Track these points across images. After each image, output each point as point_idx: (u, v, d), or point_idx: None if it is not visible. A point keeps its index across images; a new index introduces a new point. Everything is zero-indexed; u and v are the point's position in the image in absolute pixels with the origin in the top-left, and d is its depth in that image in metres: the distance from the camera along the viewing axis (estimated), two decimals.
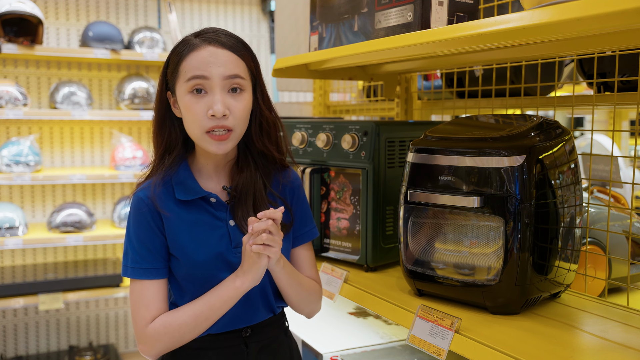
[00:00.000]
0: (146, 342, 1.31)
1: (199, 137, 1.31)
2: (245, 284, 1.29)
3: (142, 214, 1.34)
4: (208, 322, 1.31)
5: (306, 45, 2.44)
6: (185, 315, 1.31)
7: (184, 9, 4.39)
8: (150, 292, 1.32)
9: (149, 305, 1.32)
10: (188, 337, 1.32)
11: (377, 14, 1.58)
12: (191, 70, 1.28)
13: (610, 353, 1.13)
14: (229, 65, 1.29)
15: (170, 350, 1.33)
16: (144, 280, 1.32)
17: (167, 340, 1.30)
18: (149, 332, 1.30)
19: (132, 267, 1.33)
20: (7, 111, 3.51)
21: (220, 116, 1.27)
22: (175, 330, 1.30)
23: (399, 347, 1.90)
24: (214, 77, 1.28)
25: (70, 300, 3.68)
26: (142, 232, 1.33)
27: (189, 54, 1.30)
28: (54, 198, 4.07)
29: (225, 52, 1.30)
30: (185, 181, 1.36)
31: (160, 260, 1.34)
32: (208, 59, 1.28)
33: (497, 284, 1.27)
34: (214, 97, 1.28)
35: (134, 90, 3.90)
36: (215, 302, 1.30)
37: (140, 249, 1.33)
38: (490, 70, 1.94)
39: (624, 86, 1.64)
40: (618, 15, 0.96)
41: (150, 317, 1.31)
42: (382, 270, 1.73)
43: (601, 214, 1.73)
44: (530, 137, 1.29)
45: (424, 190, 1.38)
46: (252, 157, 1.41)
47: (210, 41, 1.30)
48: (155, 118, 1.39)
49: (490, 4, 1.74)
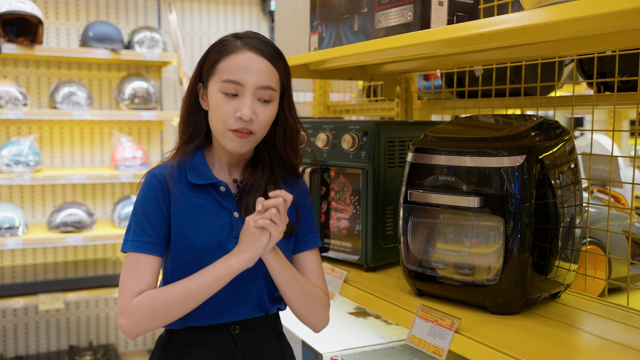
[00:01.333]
0: (129, 315, 1.28)
1: (221, 132, 1.35)
2: (240, 262, 1.28)
3: (152, 188, 1.36)
4: (196, 300, 1.29)
5: (306, 45, 2.44)
6: (174, 291, 1.28)
7: (184, 9, 4.39)
8: (144, 266, 1.32)
9: (140, 278, 1.30)
10: (173, 314, 1.29)
11: (377, 14, 1.58)
12: (228, 73, 1.32)
13: (610, 353, 1.13)
14: (263, 76, 1.33)
15: (151, 329, 1.29)
16: (140, 254, 1.32)
17: (150, 314, 1.27)
18: (134, 304, 1.28)
19: (133, 240, 1.33)
20: (7, 111, 3.51)
21: (247, 120, 1.32)
22: (161, 305, 1.27)
23: (399, 347, 1.90)
24: (248, 85, 1.32)
25: (70, 300, 3.68)
26: (149, 207, 1.35)
27: (228, 56, 1.33)
28: (54, 198, 4.07)
29: (263, 60, 1.34)
30: (199, 167, 1.40)
31: (161, 237, 1.35)
32: (246, 65, 1.32)
33: (497, 284, 1.27)
34: (244, 102, 1.32)
35: (133, 90, 3.90)
36: (206, 279, 1.28)
37: (144, 222, 1.34)
38: (490, 70, 1.94)
39: (624, 86, 1.64)
40: (618, 15, 0.96)
41: (138, 290, 1.29)
42: (382, 270, 1.73)
43: (601, 214, 1.73)
44: (530, 137, 1.29)
45: (424, 190, 1.38)
46: (269, 159, 1.44)
47: (250, 47, 1.34)
48: (185, 107, 1.43)
49: (490, 4, 1.74)
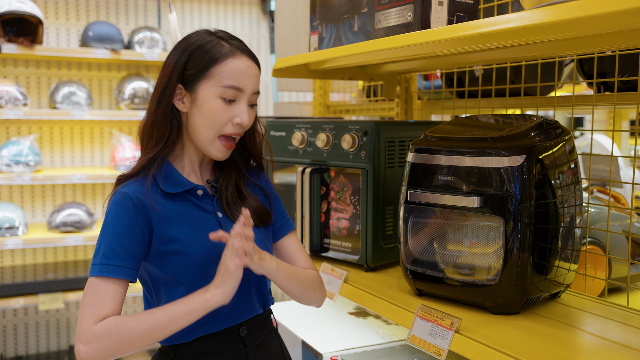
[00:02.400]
0: (91, 341, 1.19)
1: (210, 139, 1.35)
2: (215, 297, 1.23)
3: (125, 207, 1.28)
4: (164, 332, 1.22)
5: (306, 45, 2.44)
6: (143, 320, 1.21)
7: (184, 9, 4.38)
8: (110, 291, 1.23)
9: (104, 303, 1.22)
10: (138, 344, 1.21)
11: (377, 14, 1.58)
12: (230, 79, 1.32)
13: (610, 353, 1.13)
14: (257, 81, 1.38)
15: (113, 356, 1.20)
16: (107, 278, 1.24)
17: (115, 342, 1.19)
18: (97, 329, 1.19)
19: (101, 263, 1.24)
20: (7, 111, 3.51)
21: (246, 126, 1.36)
22: (127, 332, 1.20)
23: (399, 347, 1.90)
24: (247, 91, 1.35)
25: (70, 300, 3.68)
26: (121, 227, 1.27)
27: (226, 60, 1.32)
28: (54, 198, 4.07)
29: (255, 66, 1.38)
30: (171, 175, 1.35)
31: (132, 260, 1.27)
32: (246, 72, 1.34)
33: (497, 284, 1.27)
34: (242, 107, 1.35)
35: (133, 90, 3.90)
36: (179, 311, 1.22)
37: (115, 244, 1.26)
38: (490, 70, 1.94)
39: (624, 86, 1.64)
40: (618, 15, 0.96)
41: (102, 315, 1.21)
42: (382, 270, 1.73)
43: (601, 214, 1.73)
44: (530, 137, 1.29)
45: (424, 190, 1.38)
46: (237, 159, 1.46)
47: (242, 51, 1.35)
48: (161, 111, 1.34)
49: (490, 4, 1.74)
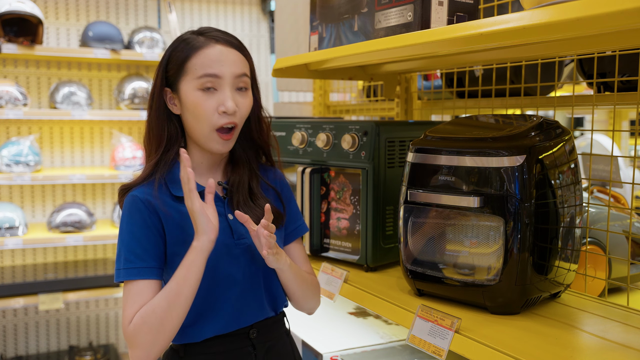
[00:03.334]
0: (131, 341, 1.23)
1: (206, 134, 1.33)
2: (200, 242, 1.24)
3: (138, 210, 1.30)
4: (181, 298, 1.23)
5: (306, 45, 2.44)
6: (158, 298, 1.24)
7: (184, 9, 4.39)
8: (141, 290, 1.26)
9: (135, 303, 1.25)
10: (167, 322, 1.23)
11: (377, 14, 1.58)
12: (203, 68, 1.30)
13: (610, 353, 1.13)
14: (238, 65, 1.33)
15: (157, 346, 1.23)
16: (135, 280, 1.27)
17: (147, 331, 1.21)
18: (131, 329, 1.23)
19: (125, 268, 1.27)
20: (7, 111, 3.51)
21: (231, 113, 1.31)
22: (151, 316, 1.22)
23: (399, 347, 1.90)
24: (226, 76, 1.31)
25: (70, 300, 3.68)
26: (138, 229, 1.29)
27: (197, 52, 1.32)
28: (54, 198, 4.07)
29: (234, 51, 1.34)
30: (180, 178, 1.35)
31: (155, 259, 1.29)
32: (220, 58, 1.31)
33: (497, 284, 1.27)
34: (225, 94, 1.31)
35: (134, 90, 3.90)
36: (180, 271, 1.24)
37: (135, 247, 1.28)
38: (490, 70, 1.94)
39: (624, 86, 1.64)
40: (618, 15, 0.96)
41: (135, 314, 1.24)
42: (382, 270, 1.73)
43: (601, 214, 1.73)
44: (530, 137, 1.29)
45: (424, 190, 1.38)
46: (244, 153, 1.45)
47: (217, 40, 1.33)
48: (155, 116, 1.37)
49: (490, 4, 1.74)
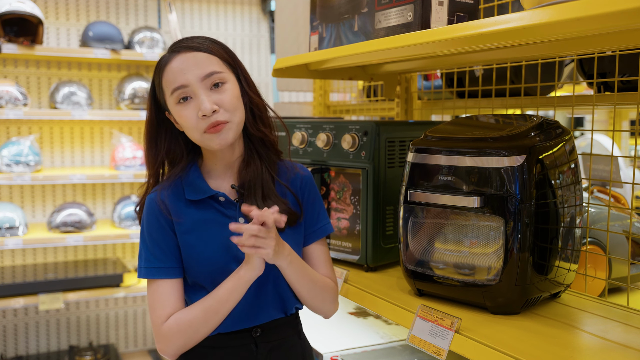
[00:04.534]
0: (162, 341, 1.33)
1: (199, 139, 1.35)
2: (248, 273, 1.31)
3: (154, 213, 1.37)
4: (218, 315, 1.32)
5: (306, 45, 2.44)
6: (196, 311, 1.32)
7: (184, 9, 4.39)
8: (166, 291, 1.34)
9: (164, 304, 1.34)
10: (202, 332, 1.33)
11: (377, 14, 1.58)
12: (171, 84, 1.33)
13: (610, 353, 1.13)
14: (201, 65, 1.32)
15: (188, 347, 1.34)
16: (158, 280, 1.35)
17: (181, 337, 1.32)
18: (164, 330, 1.32)
19: (146, 267, 1.35)
20: (7, 111, 3.51)
21: (210, 114, 1.30)
22: (187, 326, 1.32)
23: (399, 347, 1.90)
24: (192, 82, 1.32)
25: (70, 300, 3.68)
26: (155, 232, 1.36)
27: (165, 69, 1.34)
28: (54, 198, 4.07)
29: (194, 54, 1.33)
30: (195, 182, 1.39)
31: (174, 260, 1.36)
32: (180, 67, 1.32)
33: (497, 284, 1.27)
34: (199, 99, 1.31)
35: (134, 90, 3.90)
36: (223, 294, 1.32)
37: (154, 248, 1.36)
38: (490, 70, 1.94)
39: (624, 86, 1.64)
40: (618, 15, 0.96)
41: (166, 315, 1.33)
42: (382, 270, 1.73)
43: (601, 214, 1.73)
44: (531, 137, 1.29)
45: (424, 190, 1.38)
46: (255, 149, 1.43)
47: (178, 50, 1.34)
48: (149, 138, 1.42)
49: (490, 4, 1.74)
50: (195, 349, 1.38)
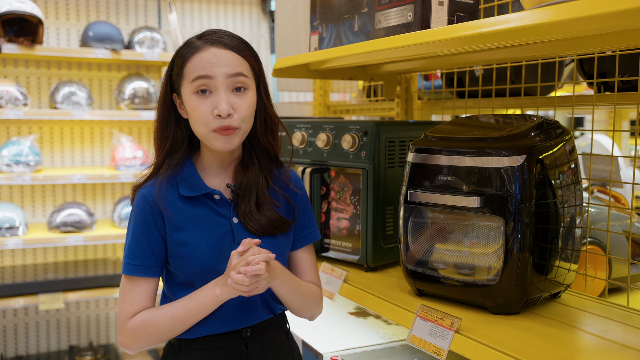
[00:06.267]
0: (125, 336, 1.34)
1: (205, 135, 1.33)
2: (225, 294, 1.30)
3: (142, 210, 1.36)
4: (185, 325, 1.33)
5: (306, 45, 2.44)
6: (164, 316, 1.33)
7: (184, 9, 4.39)
8: (138, 289, 1.34)
9: (134, 301, 1.34)
10: (165, 337, 1.35)
11: (377, 14, 1.58)
12: (195, 71, 1.31)
13: (610, 353, 1.13)
14: (232, 65, 1.31)
15: (149, 346, 1.36)
16: (133, 277, 1.35)
17: (144, 336, 1.33)
18: (129, 327, 1.33)
19: (126, 262, 1.35)
20: (7, 111, 3.51)
21: (225, 115, 1.29)
22: (152, 328, 1.32)
23: (399, 347, 1.90)
24: (218, 77, 1.30)
25: (70, 300, 3.68)
26: (139, 229, 1.35)
27: (193, 56, 1.32)
28: (54, 198, 4.07)
29: (228, 52, 1.32)
30: (190, 178, 1.38)
31: (152, 259, 1.35)
32: (211, 60, 1.30)
33: (497, 284, 1.27)
34: (219, 97, 1.30)
35: (134, 90, 3.90)
36: (193, 307, 1.32)
37: (134, 245, 1.35)
38: (490, 70, 1.94)
39: (624, 86, 1.64)
40: (618, 15, 0.96)
41: (133, 312, 1.34)
42: (382, 270, 1.73)
43: (601, 214, 1.73)
44: (531, 137, 1.29)
45: (424, 190, 1.38)
46: (255, 155, 1.43)
47: (212, 42, 1.32)
48: (159, 120, 1.40)
49: (490, 4, 1.74)
50: (185, 351, 1.38)
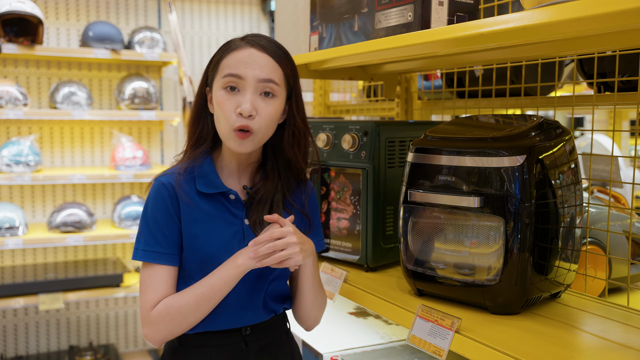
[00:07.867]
0: (150, 326, 1.31)
1: (226, 133, 1.34)
2: (246, 262, 1.30)
3: (162, 197, 1.35)
4: (210, 303, 1.31)
5: (306, 45, 2.44)
6: (187, 297, 1.31)
7: (184, 9, 4.39)
8: (161, 277, 1.33)
9: (157, 289, 1.32)
10: (190, 320, 1.31)
11: (377, 14, 1.58)
12: (228, 68, 1.33)
13: (610, 353, 1.13)
14: (265, 69, 1.33)
15: (174, 335, 1.33)
16: (154, 265, 1.33)
17: (169, 322, 1.30)
18: (153, 315, 1.31)
19: (144, 249, 1.34)
20: (7, 111, 3.51)
21: (246, 115, 1.31)
22: (177, 312, 1.30)
23: (399, 347, 1.90)
24: (248, 78, 1.32)
25: (70, 300, 3.68)
26: (160, 216, 1.35)
27: (230, 53, 1.35)
28: (54, 198, 4.07)
29: (264, 55, 1.34)
30: (208, 175, 1.39)
31: (174, 247, 1.35)
32: (246, 60, 1.33)
33: (497, 284, 1.27)
34: (245, 97, 1.32)
35: (134, 90, 3.90)
36: (217, 282, 1.31)
37: (156, 232, 1.34)
38: (490, 70, 1.94)
39: (624, 86, 1.64)
40: (618, 15, 0.96)
41: (156, 300, 1.32)
42: (382, 270, 1.73)
43: (601, 214, 1.73)
44: (531, 137, 1.29)
45: (424, 190, 1.38)
46: (277, 166, 1.44)
47: (252, 44, 1.35)
48: (193, 110, 1.43)
49: (490, 4, 1.74)
50: (185, 347, 1.38)
